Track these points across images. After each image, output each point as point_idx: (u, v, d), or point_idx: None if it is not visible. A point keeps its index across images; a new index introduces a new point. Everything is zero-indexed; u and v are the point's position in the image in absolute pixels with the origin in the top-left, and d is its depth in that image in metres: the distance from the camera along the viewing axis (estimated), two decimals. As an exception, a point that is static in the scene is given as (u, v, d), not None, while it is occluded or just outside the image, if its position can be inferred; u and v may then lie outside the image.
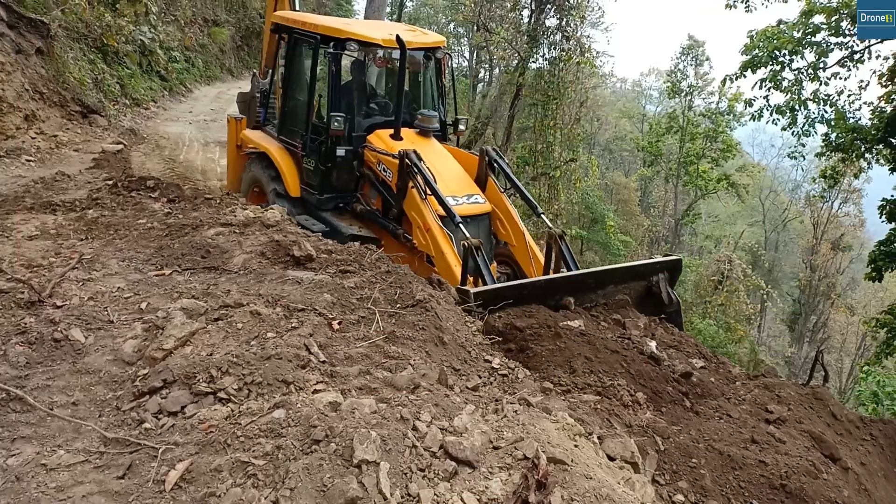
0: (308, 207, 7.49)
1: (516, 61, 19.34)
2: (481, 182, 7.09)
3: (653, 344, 4.62)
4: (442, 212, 6.16)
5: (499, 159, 7.10)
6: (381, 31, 7.32)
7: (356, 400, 2.66)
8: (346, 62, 7.22)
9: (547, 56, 18.70)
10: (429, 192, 6.23)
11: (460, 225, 5.85)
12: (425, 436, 2.53)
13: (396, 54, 7.13)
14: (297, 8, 8.95)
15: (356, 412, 2.54)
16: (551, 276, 5.79)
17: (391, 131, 7.14)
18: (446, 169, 6.93)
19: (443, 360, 3.48)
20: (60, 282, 3.84)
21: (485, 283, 5.32)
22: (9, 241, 4.77)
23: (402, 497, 2.25)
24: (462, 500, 2.30)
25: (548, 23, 18.59)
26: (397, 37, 6.77)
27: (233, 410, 2.59)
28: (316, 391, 2.75)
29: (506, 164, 7.14)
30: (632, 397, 3.79)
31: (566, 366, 4.00)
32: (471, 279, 5.44)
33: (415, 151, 6.40)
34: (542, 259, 6.39)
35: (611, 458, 2.83)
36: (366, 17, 17.80)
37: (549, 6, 18.05)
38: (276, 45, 8.37)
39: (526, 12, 19.44)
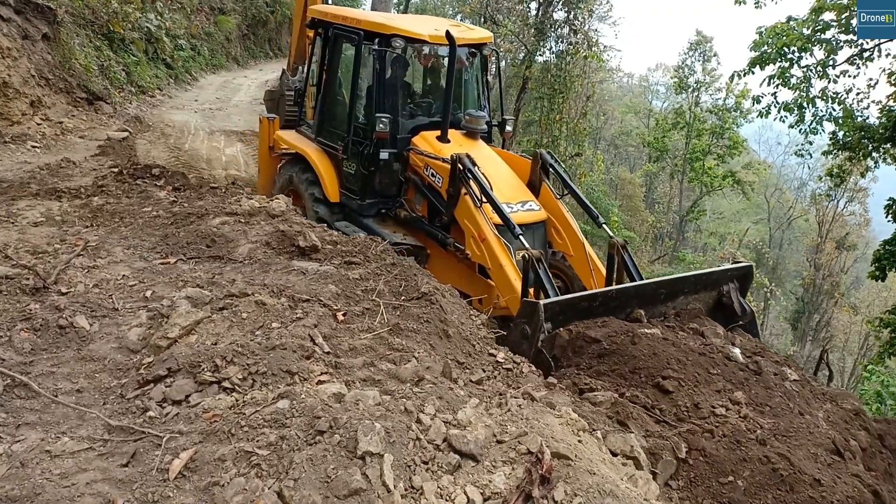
0: (348, 213, 7.12)
1: (523, 54, 19.26)
2: (534, 187, 6.68)
3: (737, 351, 4.32)
4: (497, 220, 5.80)
5: (554, 163, 6.69)
6: (427, 26, 6.89)
7: (360, 391, 2.66)
8: (388, 59, 6.79)
9: (554, 49, 18.64)
10: (484, 199, 5.86)
11: (521, 236, 5.50)
12: (429, 428, 2.53)
13: (442, 51, 6.77)
14: (330, 1, 8.59)
15: (360, 404, 2.54)
16: (623, 285, 5.32)
17: (437, 133, 6.72)
18: (498, 174, 6.51)
19: (447, 353, 3.47)
20: (65, 269, 3.84)
21: (547, 297, 4.97)
22: (14, 228, 4.77)
23: (406, 489, 2.25)
24: (465, 493, 2.30)
25: (555, 16, 18.54)
26: (447, 33, 6.36)
27: (237, 400, 2.59)
28: (320, 382, 2.75)
29: (562, 169, 6.72)
30: (730, 399, 3.65)
31: (652, 372, 3.76)
32: (531, 292, 5.12)
33: (468, 155, 6.05)
34: (603, 270, 5.99)
35: (614, 454, 2.82)
36: (373, 9, 17.71)
37: (557, -1, 17.97)
38: (313, 40, 7.87)
39: (534, 5, 19.38)
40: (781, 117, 13.36)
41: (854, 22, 11.71)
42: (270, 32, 22.91)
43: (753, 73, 13.03)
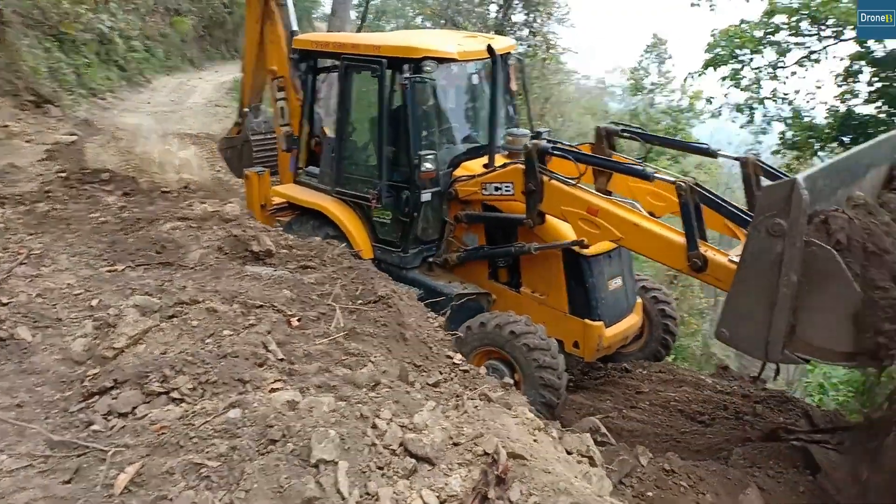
0: (384, 268, 5.84)
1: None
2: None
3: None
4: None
5: (626, 128, 6.10)
6: (448, 42, 6.11)
7: (315, 398, 2.62)
8: (422, 87, 5.91)
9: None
10: (582, 169, 5.23)
11: (655, 175, 4.94)
12: (385, 433, 2.51)
13: (469, 67, 6.21)
14: (295, 25, 7.43)
15: (314, 411, 2.50)
16: (859, 147, 4.22)
17: (480, 161, 6.04)
18: None
19: (404, 356, 3.46)
20: (6, 278, 3.70)
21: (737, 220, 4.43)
22: (-47, 236, 4.58)
23: (361, 496, 2.23)
24: (421, 497, 2.29)
25: (515, 18, 18.68)
26: (489, 47, 5.81)
27: (186, 411, 2.53)
28: (273, 390, 2.71)
29: (636, 127, 6.11)
30: None
31: None
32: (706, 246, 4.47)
33: (543, 137, 5.63)
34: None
35: (569, 453, 2.85)
36: (332, 10, 17.60)
37: (516, 1, 18.12)
38: (305, 75, 6.86)
39: (493, 7, 19.50)
40: (733, 118, 13.73)
41: (804, 25, 12.08)
42: (227, 34, 22.55)
43: (705, 73, 13.37)
